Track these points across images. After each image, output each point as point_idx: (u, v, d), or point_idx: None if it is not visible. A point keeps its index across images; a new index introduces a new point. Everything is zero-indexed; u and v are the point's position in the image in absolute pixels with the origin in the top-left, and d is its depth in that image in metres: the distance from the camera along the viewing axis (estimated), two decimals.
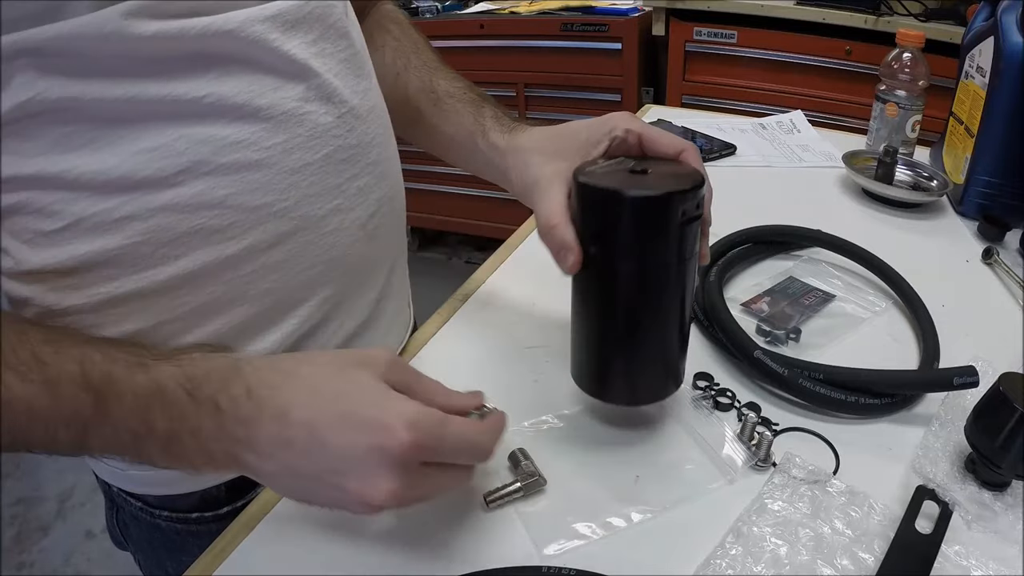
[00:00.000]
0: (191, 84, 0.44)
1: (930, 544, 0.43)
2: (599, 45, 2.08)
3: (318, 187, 0.50)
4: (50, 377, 0.37)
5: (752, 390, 0.58)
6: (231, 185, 0.46)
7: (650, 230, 0.45)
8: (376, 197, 0.55)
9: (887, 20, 1.67)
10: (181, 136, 0.44)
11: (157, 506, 0.58)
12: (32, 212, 0.44)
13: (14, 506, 1.75)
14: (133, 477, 0.56)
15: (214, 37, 0.43)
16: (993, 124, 0.81)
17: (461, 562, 0.43)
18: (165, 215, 0.45)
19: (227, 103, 0.45)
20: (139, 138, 0.43)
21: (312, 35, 0.49)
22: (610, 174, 0.48)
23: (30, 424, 0.38)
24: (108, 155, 0.43)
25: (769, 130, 1.15)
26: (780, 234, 0.78)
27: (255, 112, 0.46)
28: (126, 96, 0.42)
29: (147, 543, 0.62)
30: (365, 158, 0.53)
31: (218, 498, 0.56)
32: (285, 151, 0.48)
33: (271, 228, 0.48)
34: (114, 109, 0.42)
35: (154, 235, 0.45)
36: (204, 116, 0.44)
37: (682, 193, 0.44)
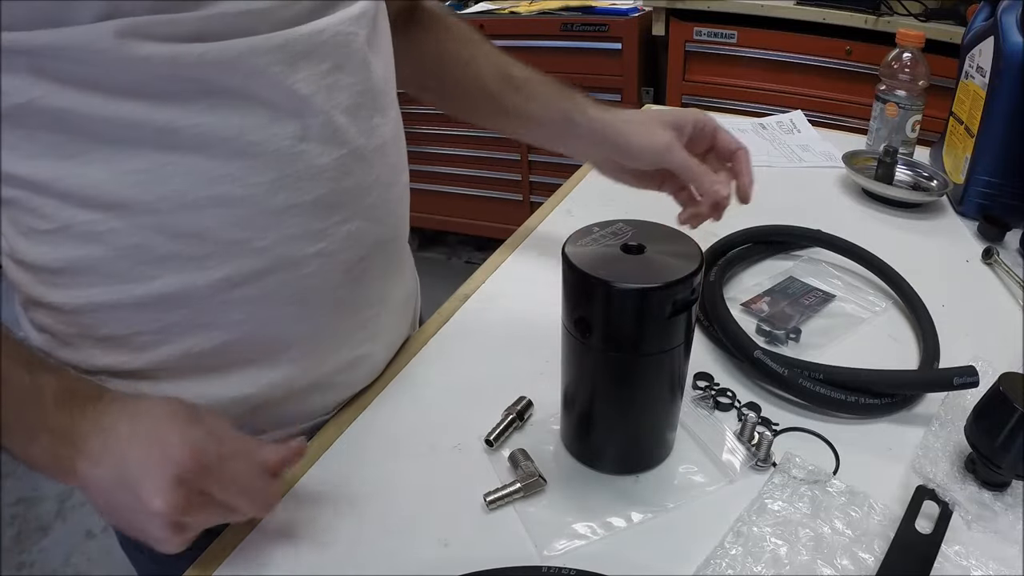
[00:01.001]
0: (182, 112, 0.43)
1: (930, 544, 0.43)
2: (599, 45, 2.08)
3: (301, 229, 0.49)
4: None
5: (752, 390, 0.58)
6: (212, 217, 0.46)
7: (636, 321, 0.44)
8: (370, 241, 0.53)
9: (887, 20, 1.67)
10: (168, 163, 0.44)
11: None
12: (26, 210, 0.45)
13: (14, 506, 1.75)
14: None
15: (211, 66, 0.42)
16: (993, 124, 0.81)
17: (461, 562, 0.43)
18: (145, 235, 0.45)
19: (217, 135, 0.44)
20: (128, 158, 0.43)
21: (325, 65, 0.47)
22: (601, 252, 0.45)
23: None
24: (97, 170, 0.43)
25: (769, 130, 1.15)
26: (780, 234, 0.78)
27: (244, 148, 0.45)
28: (117, 115, 0.42)
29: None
30: (361, 202, 0.52)
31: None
32: (271, 190, 0.46)
33: (247, 263, 0.48)
34: (106, 127, 0.42)
35: (134, 253, 0.45)
36: (192, 147, 0.44)
37: (672, 285, 0.42)
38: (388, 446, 0.53)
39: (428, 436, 0.54)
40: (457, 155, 2.34)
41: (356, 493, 0.49)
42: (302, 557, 0.45)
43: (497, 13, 2.23)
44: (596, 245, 0.46)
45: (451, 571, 0.42)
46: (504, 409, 0.54)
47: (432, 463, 0.52)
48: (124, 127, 0.42)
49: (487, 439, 0.52)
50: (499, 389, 0.58)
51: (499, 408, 0.55)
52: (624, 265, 0.44)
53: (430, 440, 0.53)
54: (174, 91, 0.43)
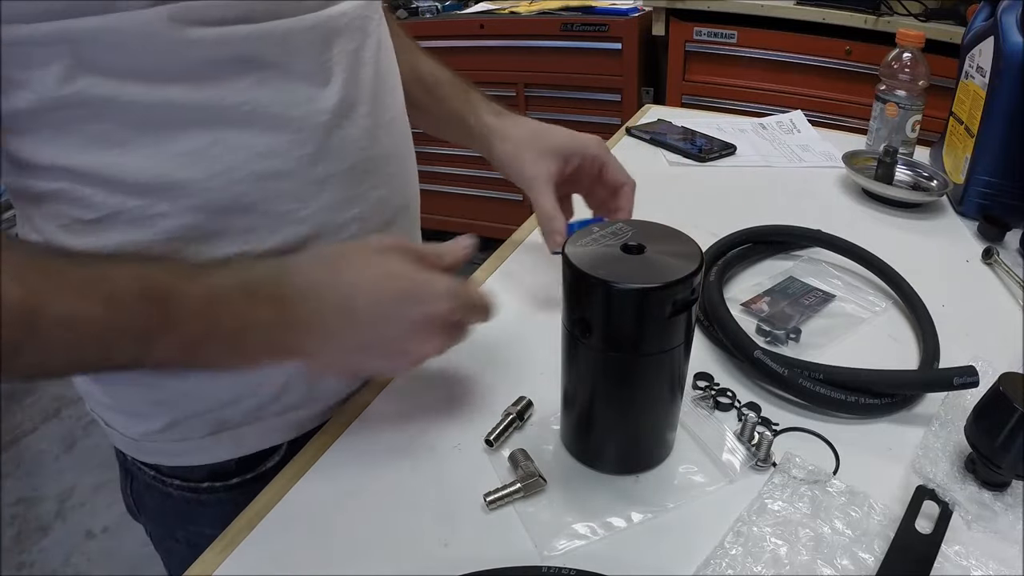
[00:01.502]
0: (226, 91, 0.45)
1: (930, 544, 0.43)
2: (599, 45, 2.08)
3: (340, 196, 0.52)
4: (111, 293, 0.39)
5: (752, 390, 0.58)
6: (259, 192, 0.48)
7: (636, 321, 0.44)
8: (394, 205, 0.57)
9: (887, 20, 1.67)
10: (216, 142, 0.45)
11: (169, 475, 0.59)
12: (71, 201, 0.45)
13: (14, 506, 1.75)
14: (147, 448, 0.58)
15: (255, 44, 0.45)
16: (993, 124, 0.81)
17: (461, 562, 0.43)
18: (195, 215, 0.47)
19: (263, 112, 0.46)
20: (175, 141, 0.45)
21: (352, 45, 0.51)
22: (601, 252, 0.45)
23: (88, 341, 0.39)
24: (144, 155, 0.44)
25: (769, 130, 1.15)
26: (780, 234, 0.78)
27: (288, 123, 0.48)
28: (166, 99, 0.43)
29: (159, 512, 0.64)
30: (385, 169, 0.55)
31: (228, 470, 0.58)
32: (312, 161, 0.49)
33: (292, 233, 0.50)
34: (151, 113, 0.43)
35: (184, 233, 0.47)
36: (239, 123, 0.46)
37: (672, 285, 0.42)
38: (388, 446, 0.53)
39: (428, 436, 0.54)
40: (457, 155, 2.34)
41: (356, 493, 0.49)
42: (302, 557, 0.45)
43: (497, 13, 2.23)
44: (596, 245, 0.46)
45: (451, 571, 0.42)
46: (504, 409, 0.54)
47: (432, 463, 0.52)
48: (171, 110, 0.44)
49: (487, 439, 0.52)
50: (499, 389, 0.58)
51: (499, 408, 0.55)
52: (624, 265, 0.44)
53: (430, 440, 0.53)
54: (220, 71, 0.44)
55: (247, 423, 0.56)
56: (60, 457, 1.89)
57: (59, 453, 1.90)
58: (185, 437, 0.56)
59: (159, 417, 0.55)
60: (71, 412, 2.04)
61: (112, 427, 0.59)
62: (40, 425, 2.00)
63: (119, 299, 0.39)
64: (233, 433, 0.56)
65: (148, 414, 0.55)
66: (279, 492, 0.49)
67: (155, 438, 0.56)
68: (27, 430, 1.98)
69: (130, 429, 0.57)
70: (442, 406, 0.57)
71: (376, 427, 0.55)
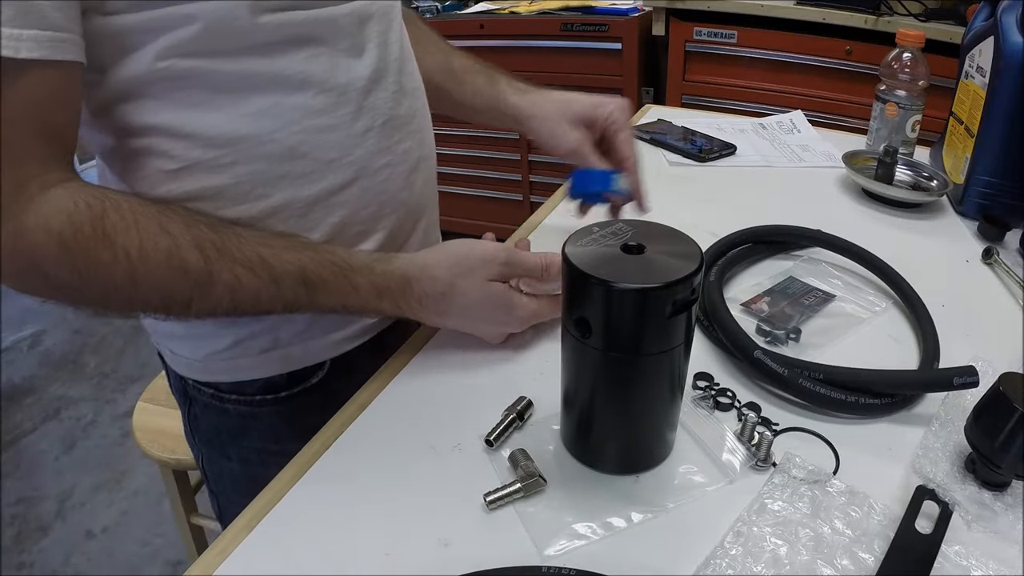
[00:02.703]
0: (286, 63, 0.55)
1: (930, 544, 0.43)
2: (599, 45, 2.08)
3: (376, 147, 0.62)
4: (276, 275, 0.52)
5: (752, 390, 0.58)
6: (313, 143, 0.58)
7: (636, 321, 0.44)
8: (416, 156, 0.67)
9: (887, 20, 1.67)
10: (277, 103, 0.55)
11: (227, 391, 0.68)
12: (157, 155, 0.55)
13: (14, 506, 1.75)
14: (211, 367, 0.66)
15: (310, 25, 0.55)
16: (993, 124, 0.81)
17: (461, 562, 0.43)
18: (261, 163, 0.56)
19: (314, 79, 0.56)
20: (245, 102, 0.54)
21: (381, 26, 0.62)
22: (601, 252, 0.45)
23: (253, 304, 0.53)
24: (220, 115, 0.54)
25: (769, 130, 1.15)
26: (780, 234, 0.78)
27: (334, 87, 0.58)
28: (238, 70, 0.53)
29: (214, 432, 0.72)
30: (409, 126, 0.65)
31: (279, 383, 0.67)
32: (354, 118, 0.60)
33: (339, 176, 0.60)
34: (227, 80, 0.53)
35: (252, 177, 0.57)
36: (295, 89, 0.56)
37: (672, 285, 0.42)
38: (388, 446, 0.53)
39: (428, 436, 0.54)
40: (457, 155, 2.34)
41: (356, 493, 0.49)
42: (302, 557, 0.45)
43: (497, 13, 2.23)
44: (596, 245, 0.46)
45: (451, 571, 0.42)
46: (504, 409, 0.54)
47: (432, 463, 0.52)
48: (243, 78, 0.54)
49: (487, 439, 0.52)
50: (499, 389, 0.58)
51: (499, 408, 0.55)
52: (624, 265, 0.44)
53: (430, 440, 0.53)
54: (281, 47, 0.54)
55: (295, 343, 0.65)
56: (60, 457, 1.89)
57: (59, 453, 1.90)
58: (244, 354, 0.65)
59: (225, 338, 0.64)
60: (71, 412, 2.04)
61: (179, 354, 0.67)
62: (40, 425, 2.00)
63: (281, 280, 0.52)
64: (284, 351, 0.65)
65: (216, 335, 0.64)
66: (279, 492, 0.50)
67: (220, 356, 0.65)
68: (27, 430, 1.98)
69: (198, 352, 0.66)
70: (442, 406, 0.57)
71: (376, 427, 0.55)
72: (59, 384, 2.15)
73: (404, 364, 0.62)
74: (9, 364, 2.22)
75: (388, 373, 0.61)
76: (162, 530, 1.63)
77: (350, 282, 0.55)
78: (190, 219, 0.51)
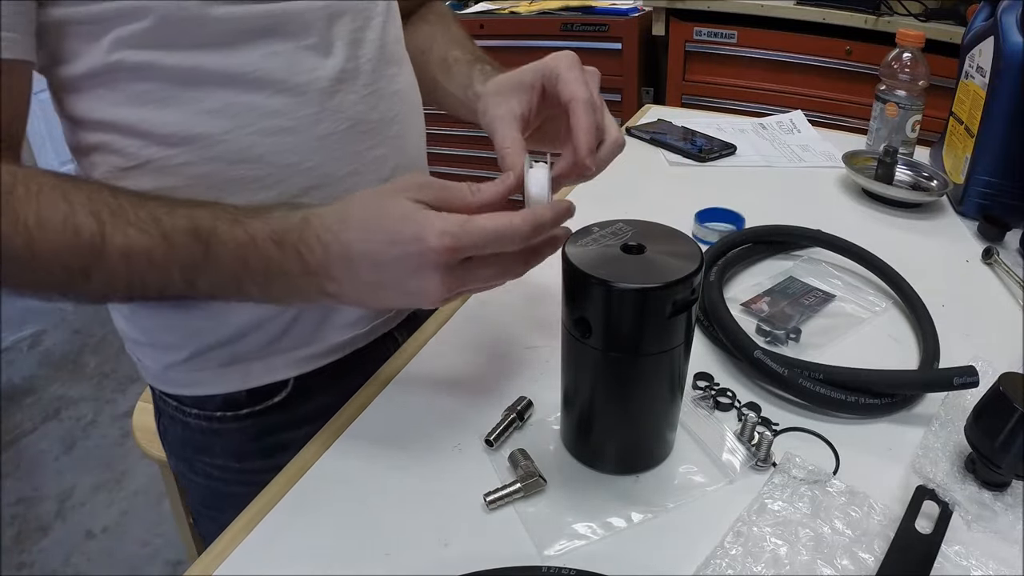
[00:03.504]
0: (245, 60, 0.53)
1: (930, 544, 0.43)
2: (599, 45, 2.08)
3: (340, 152, 0.58)
4: (166, 231, 0.46)
5: (752, 390, 0.58)
6: (268, 145, 0.55)
7: (636, 321, 0.44)
8: (391, 165, 0.63)
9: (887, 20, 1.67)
10: (233, 102, 0.53)
11: (188, 404, 0.66)
12: (112, 151, 0.54)
13: (14, 506, 1.75)
14: (171, 379, 0.65)
15: (271, 19, 0.52)
16: (993, 124, 0.81)
17: (461, 562, 0.43)
18: (214, 164, 0.54)
19: (271, 78, 0.54)
20: (201, 100, 0.52)
21: (355, 24, 0.59)
22: (601, 252, 0.45)
23: (149, 270, 0.47)
24: (174, 112, 0.52)
25: (769, 130, 1.15)
26: (780, 234, 0.78)
27: (293, 87, 0.55)
28: (193, 65, 0.51)
29: (180, 444, 0.71)
30: (384, 132, 0.62)
31: (239, 400, 0.64)
32: (314, 121, 0.56)
33: (297, 182, 0.57)
34: (183, 75, 0.51)
35: (205, 179, 0.54)
36: (252, 87, 0.53)
37: (672, 285, 0.42)
38: (388, 446, 0.53)
39: (428, 436, 0.54)
40: (457, 155, 2.34)
41: (356, 493, 0.49)
42: (302, 557, 0.45)
43: (497, 13, 2.23)
44: (596, 245, 0.46)
45: (451, 571, 0.42)
46: (504, 409, 0.54)
47: (432, 463, 0.52)
48: (197, 75, 0.52)
49: (487, 439, 0.52)
50: (499, 389, 0.58)
51: (499, 408, 0.55)
52: (624, 265, 0.44)
53: (430, 440, 0.53)
54: (239, 43, 0.52)
55: (257, 357, 0.63)
56: (60, 457, 1.89)
57: (59, 453, 1.90)
58: (202, 367, 0.63)
59: (183, 349, 0.62)
60: (71, 412, 2.04)
61: (144, 362, 0.66)
62: (40, 425, 2.00)
63: (171, 236, 0.46)
64: (243, 366, 0.63)
65: (174, 346, 0.62)
66: (279, 492, 0.49)
67: (178, 368, 0.63)
68: (27, 430, 1.98)
69: (158, 361, 0.64)
70: (442, 406, 0.57)
71: (376, 427, 0.55)
72: (59, 384, 2.15)
73: (404, 365, 0.62)
74: (9, 364, 2.22)
75: (389, 372, 0.61)
76: (162, 530, 1.63)
77: (245, 230, 0.47)
78: (97, 189, 0.47)
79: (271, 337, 0.62)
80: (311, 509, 0.48)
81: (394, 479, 0.50)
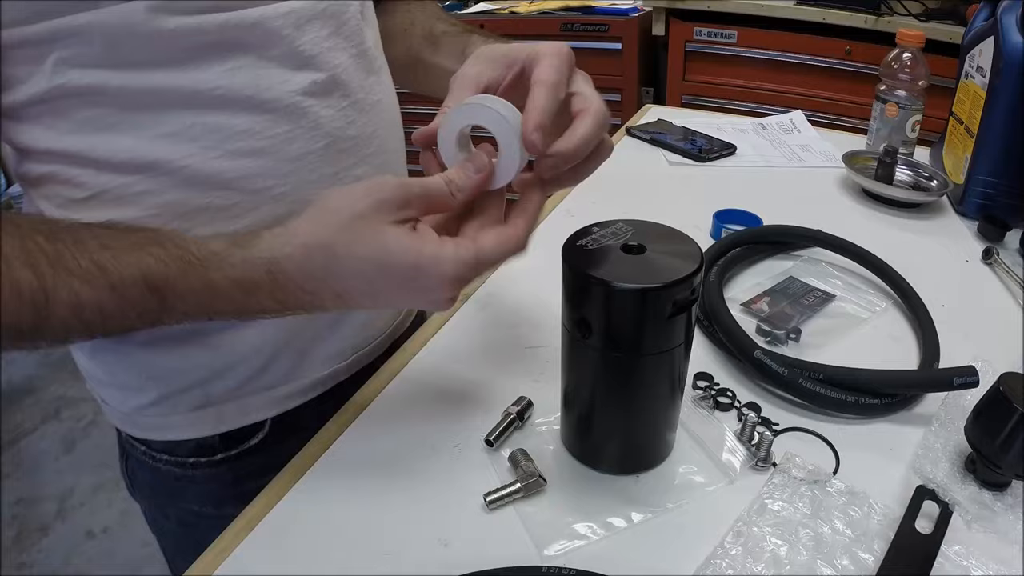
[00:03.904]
0: (205, 76, 0.48)
1: (930, 544, 0.43)
2: (599, 45, 2.08)
3: (316, 174, 0.54)
4: (114, 283, 0.41)
5: (752, 390, 0.58)
6: (237, 169, 0.50)
7: (636, 321, 0.44)
8: None
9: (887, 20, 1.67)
10: (195, 123, 0.48)
11: (159, 450, 0.61)
12: (62, 182, 0.49)
13: (14, 506, 1.75)
14: (138, 422, 0.60)
15: (231, 31, 0.47)
16: (993, 124, 0.81)
17: (461, 562, 0.43)
18: (177, 192, 0.50)
19: (236, 95, 0.49)
20: (158, 123, 0.48)
21: (326, 31, 0.53)
22: (600, 250, 0.45)
23: (105, 321, 0.42)
24: (129, 137, 0.48)
25: (769, 130, 1.15)
26: (780, 234, 0.78)
27: (261, 104, 0.50)
28: (147, 85, 0.46)
29: (150, 489, 0.66)
30: (365, 149, 0.57)
31: (212, 445, 0.60)
32: (287, 140, 0.52)
33: (270, 209, 0.52)
34: (136, 97, 0.47)
35: (167, 209, 0.50)
36: (215, 106, 0.49)
37: (672, 285, 0.42)
38: (388, 446, 0.53)
39: (428, 436, 0.54)
40: None
41: (356, 493, 0.49)
42: (302, 557, 0.45)
43: (497, 13, 2.23)
44: (596, 245, 0.46)
45: (451, 571, 0.42)
46: (504, 409, 0.54)
47: (432, 463, 0.52)
48: (152, 95, 0.47)
49: (487, 439, 0.52)
50: (499, 389, 0.58)
51: (499, 408, 0.55)
52: (624, 265, 0.44)
53: (430, 440, 0.53)
54: (197, 58, 0.47)
55: (230, 399, 0.58)
56: (60, 457, 1.89)
57: (59, 453, 1.90)
58: (172, 411, 0.58)
59: (149, 391, 0.57)
60: (71, 412, 2.04)
61: (108, 403, 0.61)
62: (40, 425, 2.00)
63: (120, 288, 0.41)
64: (216, 409, 0.58)
65: (139, 388, 0.58)
66: (279, 492, 0.49)
67: (145, 412, 0.59)
68: (27, 430, 1.98)
69: (123, 404, 0.60)
70: (442, 406, 0.57)
71: (376, 427, 0.55)
72: (59, 384, 2.15)
73: (404, 365, 0.62)
74: (9, 364, 2.22)
75: (388, 373, 0.61)
76: None
77: (203, 280, 0.42)
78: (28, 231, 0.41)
79: (245, 376, 0.58)
80: (311, 509, 0.48)
81: (394, 479, 0.50)
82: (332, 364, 0.62)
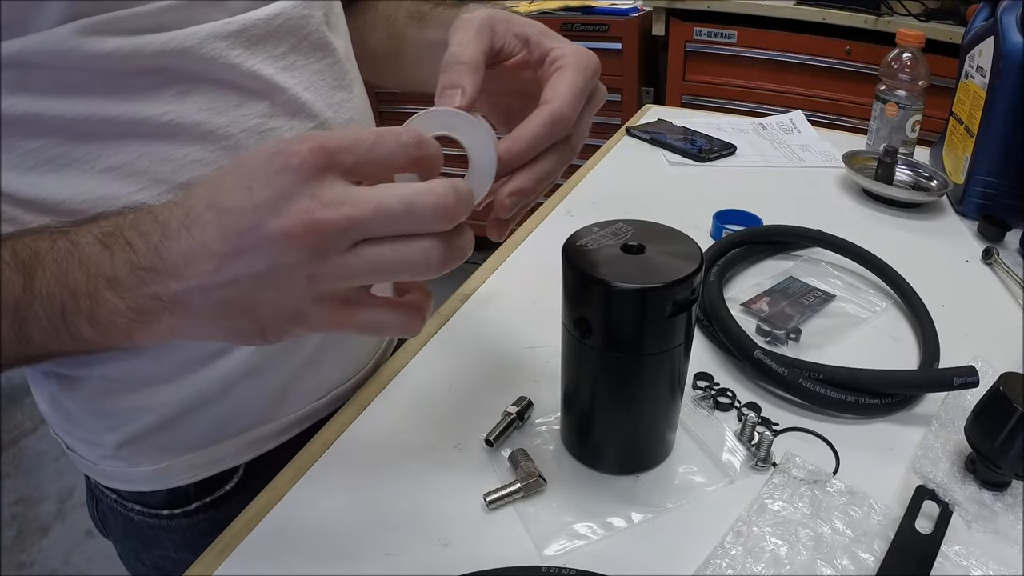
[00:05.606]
0: (150, 103, 0.44)
1: (930, 544, 0.43)
2: (599, 45, 2.08)
3: None
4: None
5: (752, 390, 0.58)
6: None
7: (636, 321, 0.43)
8: None
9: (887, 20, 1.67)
10: (143, 154, 0.44)
11: (130, 500, 0.59)
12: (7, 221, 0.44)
13: (14, 506, 1.75)
14: (105, 471, 0.57)
15: (172, 55, 0.43)
16: (993, 124, 0.81)
17: (461, 562, 0.43)
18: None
19: (186, 121, 0.45)
20: (103, 156, 0.44)
21: (281, 48, 0.49)
22: (600, 250, 0.45)
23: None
24: (71, 172, 0.43)
25: (769, 130, 1.15)
26: (780, 234, 0.78)
27: (214, 130, 0.46)
28: (88, 114, 0.42)
29: (123, 534, 0.63)
30: None
31: (187, 494, 0.57)
32: None
33: None
34: (77, 127, 0.43)
35: None
36: (164, 135, 0.45)
37: (672, 285, 0.42)
38: (388, 446, 0.53)
39: (428, 436, 0.54)
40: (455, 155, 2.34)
41: (356, 493, 0.49)
42: (302, 557, 0.45)
43: None
44: (596, 245, 0.46)
45: (451, 571, 0.42)
46: (504, 409, 0.54)
47: (432, 463, 0.52)
48: (96, 125, 0.43)
49: (487, 439, 0.52)
50: (499, 389, 0.58)
51: (499, 408, 0.55)
52: (624, 265, 0.44)
53: (430, 440, 0.53)
54: (141, 84, 0.43)
55: (199, 446, 0.55)
56: (60, 457, 1.89)
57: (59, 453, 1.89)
58: (136, 461, 0.55)
59: (108, 437, 0.54)
60: None
61: (72, 450, 0.58)
62: (40, 425, 1.99)
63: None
64: (186, 459, 0.55)
65: (98, 435, 0.54)
66: (279, 492, 0.49)
67: (110, 462, 0.55)
68: (27, 430, 1.98)
69: (86, 452, 0.57)
70: (442, 406, 0.57)
71: (377, 426, 0.55)
72: None
73: (404, 364, 0.62)
74: None
75: (388, 373, 0.61)
76: None
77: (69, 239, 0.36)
78: None
79: (214, 421, 0.54)
80: (311, 509, 0.48)
81: (394, 479, 0.50)
82: (308, 402, 0.59)
